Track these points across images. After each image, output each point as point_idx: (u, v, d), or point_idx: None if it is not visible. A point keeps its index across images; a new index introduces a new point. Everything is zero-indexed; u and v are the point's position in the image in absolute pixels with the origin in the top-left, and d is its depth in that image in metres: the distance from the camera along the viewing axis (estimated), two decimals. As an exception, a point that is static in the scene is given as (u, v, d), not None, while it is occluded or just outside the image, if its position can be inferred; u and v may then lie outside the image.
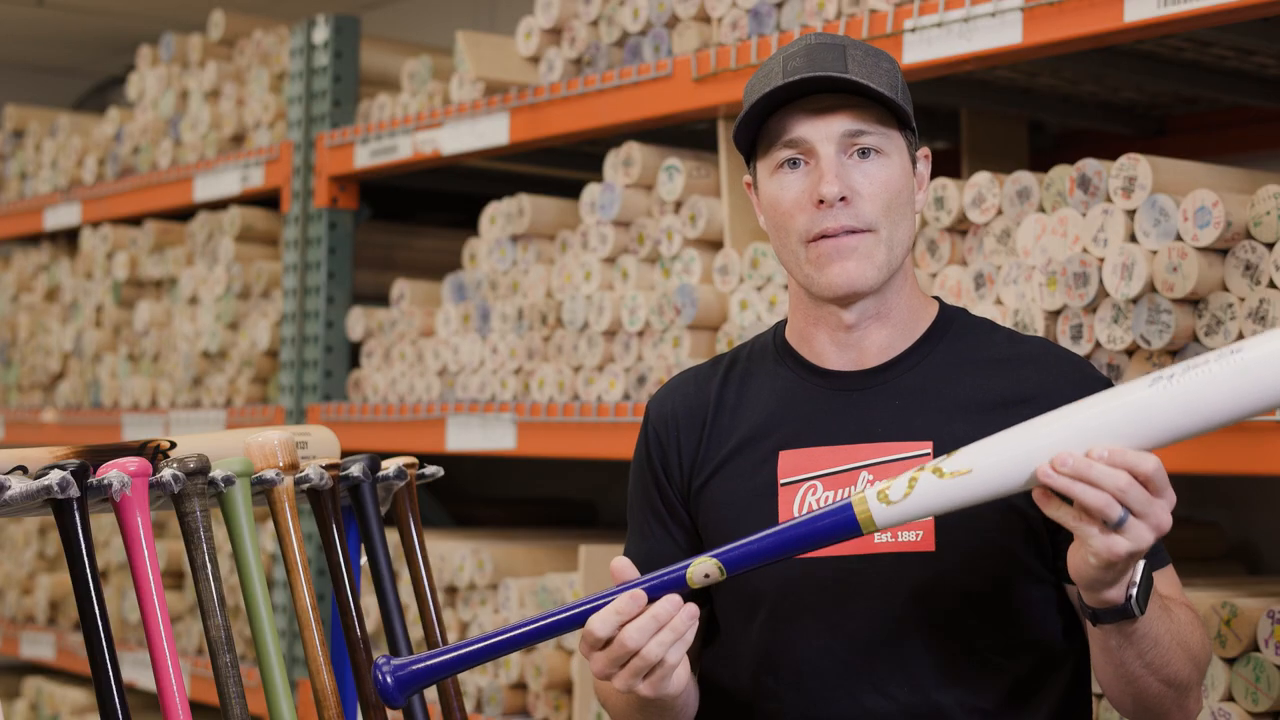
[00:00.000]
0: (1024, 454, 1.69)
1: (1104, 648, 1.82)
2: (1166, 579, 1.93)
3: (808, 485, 1.98)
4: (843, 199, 1.95)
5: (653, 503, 2.11)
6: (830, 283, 1.97)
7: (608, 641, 1.75)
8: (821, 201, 1.95)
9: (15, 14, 6.07)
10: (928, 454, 1.95)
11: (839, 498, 1.96)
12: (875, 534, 1.80)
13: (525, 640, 1.77)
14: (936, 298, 2.11)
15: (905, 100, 2.01)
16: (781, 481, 2.00)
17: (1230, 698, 2.37)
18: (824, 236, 1.96)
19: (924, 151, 2.07)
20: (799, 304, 2.07)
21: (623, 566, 1.79)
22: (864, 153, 1.97)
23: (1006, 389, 1.99)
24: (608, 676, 1.78)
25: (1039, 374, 2.00)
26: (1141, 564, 1.73)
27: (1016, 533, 1.95)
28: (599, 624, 1.75)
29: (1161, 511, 1.66)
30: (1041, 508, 1.69)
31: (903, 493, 1.72)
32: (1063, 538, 1.85)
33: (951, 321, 2.07)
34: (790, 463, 2.00)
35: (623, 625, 1.74)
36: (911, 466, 1.94)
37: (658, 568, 1.91)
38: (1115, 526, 1.65)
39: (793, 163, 1.98)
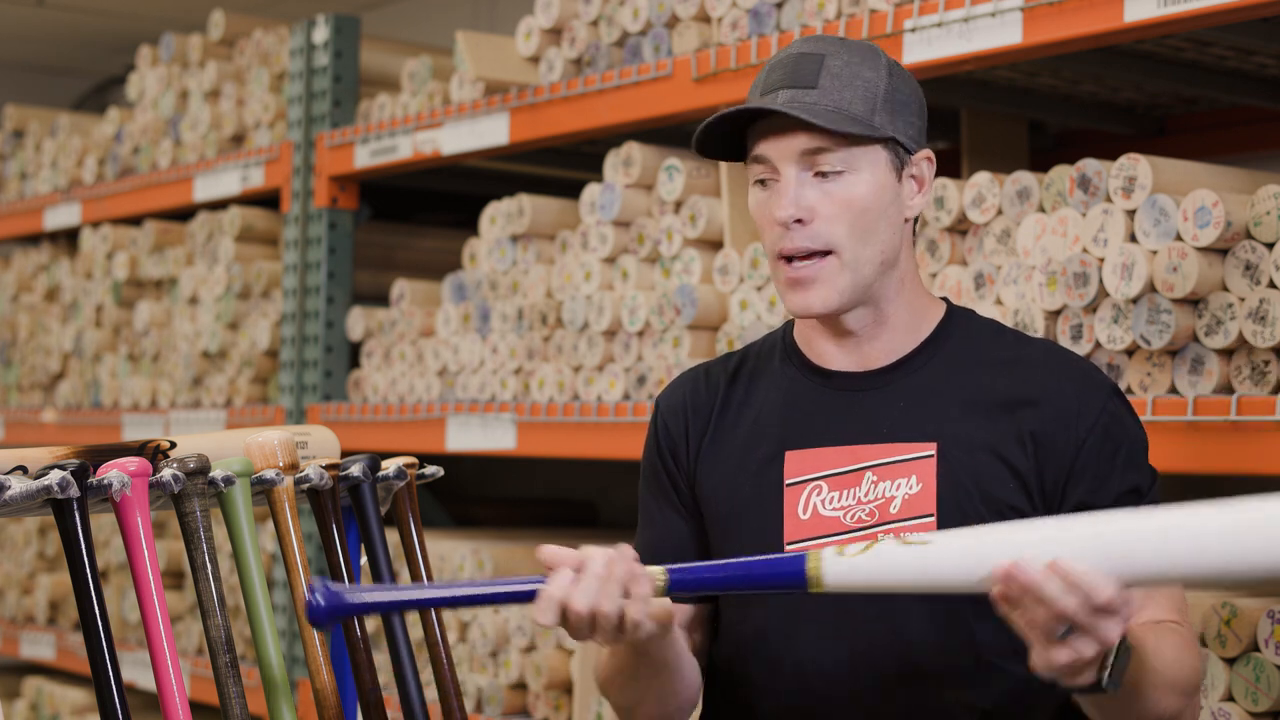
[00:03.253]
0: (990, 548, 1.64)
1: (1086, 703, 1.82)
2: (1166, 592, 1.92)
3: (813, 485, 1.98)
4: (798, 220, 1.94)
5: (663, 489, 2.10)
6: (793, 308, 1.98)
7: (565, 618, 1.70)
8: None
9: (15, 14, 6.07)
10: (932, 455, 1.95)
11: (844, 498, 1.96)
12: (879, 537, 1.77)
13: (465, 602, 1.72)
14: (944, 299, 2.10)
15: (887, 110, 1.97)
16: (787, 482, 2.00)
17: (1230, 698, 2.37)
18: (786, 259, 1.97)
19: (926, 154, 2.03)
20: None
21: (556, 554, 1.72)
22: (824, 174, 1.95)
23: (1011, 390, 1.98)
24: (584, 638, 1.73)
25: (1044, 376, 1.99)
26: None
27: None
28: (541, 613, 1.69)
29: (1110, 629, 1.61)
30: (995, 605, 1.66)
31: (859, 549, 1.69)
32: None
33: (958, 322, 2.06)
34: (796, 463, 2.00)
35: (563, 601, 1.69)
36: (917, 467, 1.95)
37: (665, 553, 1.91)
38: (1060, 638, 1.62)
39: (761, 178, 1.98)
